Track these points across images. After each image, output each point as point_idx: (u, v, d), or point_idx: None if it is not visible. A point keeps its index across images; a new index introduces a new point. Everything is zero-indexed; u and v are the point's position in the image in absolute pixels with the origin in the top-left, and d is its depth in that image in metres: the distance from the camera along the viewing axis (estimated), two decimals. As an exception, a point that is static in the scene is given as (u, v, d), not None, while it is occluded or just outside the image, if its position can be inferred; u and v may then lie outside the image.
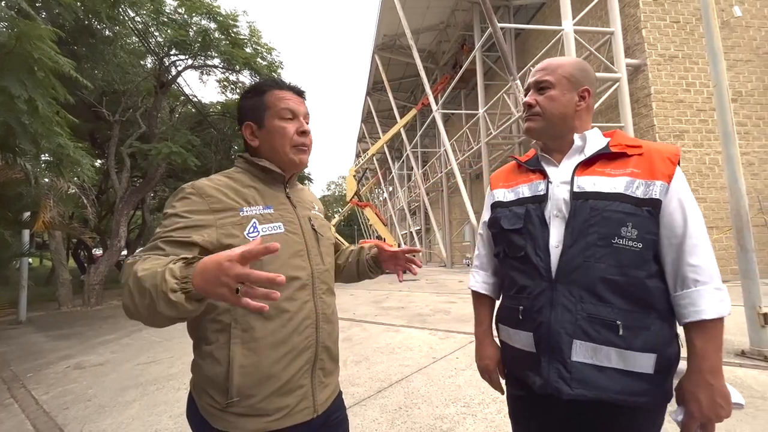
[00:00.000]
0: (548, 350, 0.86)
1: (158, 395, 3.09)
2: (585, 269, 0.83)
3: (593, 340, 0.82)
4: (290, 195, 1.01)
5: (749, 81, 8.93)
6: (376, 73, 21.76)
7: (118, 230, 10.01)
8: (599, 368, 0.81)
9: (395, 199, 32.72)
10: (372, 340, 4.49)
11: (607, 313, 0.81)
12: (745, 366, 3.03)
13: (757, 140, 8.77)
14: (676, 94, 8.54)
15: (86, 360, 4.39)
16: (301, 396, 0.88)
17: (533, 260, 0.90)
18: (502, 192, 1.05)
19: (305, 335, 0.90)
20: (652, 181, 0.82)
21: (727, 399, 0.76)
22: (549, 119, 0.96)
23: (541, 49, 10.41)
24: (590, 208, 0.84)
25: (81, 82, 4.93)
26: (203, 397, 0.84)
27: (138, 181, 15.78)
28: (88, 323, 7.08)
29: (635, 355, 0.80)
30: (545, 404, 0.90)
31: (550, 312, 0.86)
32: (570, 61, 0.97)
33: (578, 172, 0.90)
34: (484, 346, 1.10)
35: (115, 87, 10.31)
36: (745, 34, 9.10)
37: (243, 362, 0.82)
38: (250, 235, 0.86)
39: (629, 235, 0.81)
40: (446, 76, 18.34)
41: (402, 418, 2.45)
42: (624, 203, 0.82)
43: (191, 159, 9.38)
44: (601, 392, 0.81)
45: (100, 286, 9.68)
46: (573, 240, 0.85)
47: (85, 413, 2.84)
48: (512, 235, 0.96)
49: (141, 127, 10.87)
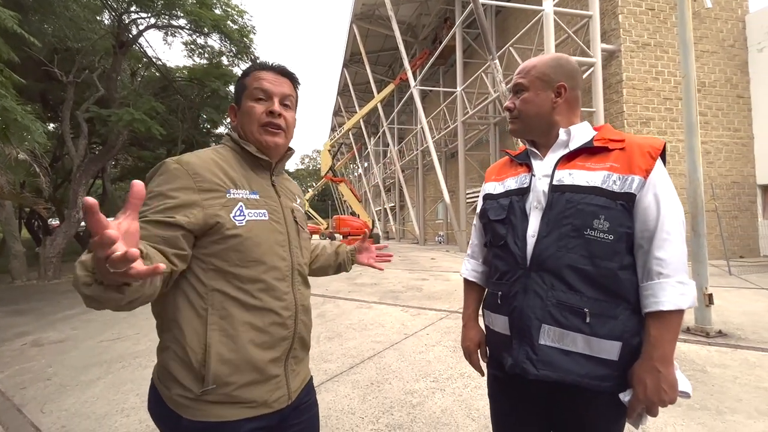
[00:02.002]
0: (519, 333, 0.91)
1: (124, 373, 3.02)
2: (557, 258, 0.87)
3: (561, 325, 0.86)
4: (275, 183, 0.99)
5: (713, 72, 9.29)
6: (353, 44, 21.07)
7: (75, 200, 9.43)
8: (565, 352, 0.86)
9: (370, 175, 32.53)
10: (345, 317, 4.54)
11: (576, 300, 0.85)
12: (689, 342, 3.31)
13: (715, 130, 9.24)
14: (646, 82, 8.79)
15: (45, 337, 4.20)
16: (276, 385, 0.89)
17: (511, 248, 0.95)
18: (492, 185, 1.10)
19: (285, 326, 0.90)
20: (630, 176, 0.85)
21: (672, 386, 0.81)
22: (525, 120, 1.01)
23: (520, 29, 10.35)
24: (566, 200, 0.88)
25: (27, 40, 4.46)
26: (173, 388, 0.81)
27: (97, 148, 14.82)
28: (46, 298, 6.74)
29: (600, 341, 0.84)
30: (516, 383, 0.96)
31: (523, 297, 0.90)
32: (544, 59, 1.00)
33: (559, 165, 0.93)
34: (468, 329, 1.16)
35: (68, 44, 9.44)
36: (713, 25, 9.39)
37: (220, 349, 0.81)
38: (236, 218, 0.84)
39: (601, 227, 0.84)
40: (425, 51, 18.01)
41: (373, 393, 2.52)
42: (599, 196, 0.85)
43: (156, 127, 8.84)
44: (565, 374, 0.86)
45: (58, 259, 9.19)
46: (548, 230, 0.89)
47: (44, 393, 2.73)
48: (496, 225, 1.01)
49: (99, 89, 10.08)
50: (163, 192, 0.79)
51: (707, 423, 2.04)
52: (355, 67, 23.72)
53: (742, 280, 6.09)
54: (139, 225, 0.70)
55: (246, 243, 0.84)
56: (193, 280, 0.82)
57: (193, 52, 11.67)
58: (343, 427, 2.12)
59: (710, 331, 3.42)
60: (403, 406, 2.33)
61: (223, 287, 0.83)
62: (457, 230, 13.77)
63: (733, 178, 9.30)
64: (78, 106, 9.96)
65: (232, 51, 11.12)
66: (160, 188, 0.79)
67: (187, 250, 0.79)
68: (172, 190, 0.79)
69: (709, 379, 2.58)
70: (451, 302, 5.09)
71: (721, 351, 3.08)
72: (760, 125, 9.38)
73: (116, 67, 9.77)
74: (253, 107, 0.92)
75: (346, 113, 30.16)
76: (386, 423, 2.15)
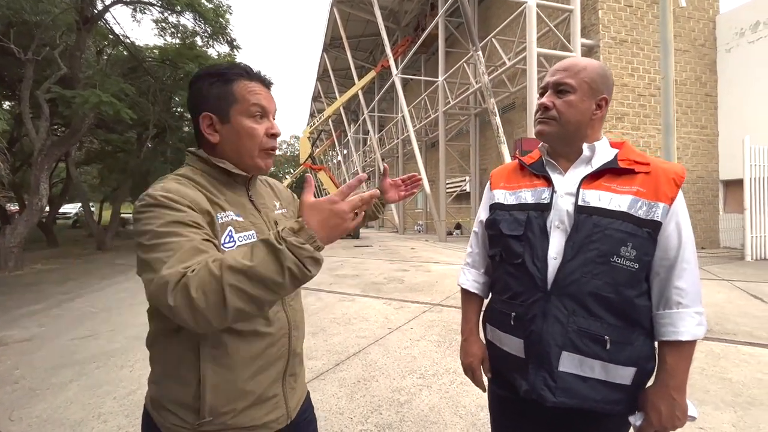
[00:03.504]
0: (537, 358, 0.89)
1: (99, 374, 2.90)
2: (580, 284, 0.85)
3: (581, 352, 0.85)
4: (253, 198, 0.92)
5: (684, 71, 9.64)
6: (334, 28, 20.55)
7: (38, 187, 8.86)
8: (583, 378, 0.86)
9: (350, 162, 32.22)
10: (328, 310, 4.51)
11: (597, 327, 0.84)
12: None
13: (684, 127, 9.65)
14: (622, 78, 9.03)
15: (8, 335, 3.97)
16: (274, 405, 0.86)
17: (530, 269, 0.91)
18: (502, 193, 1.03)
19: (278, 346, 0.87)
20: (656, 203, 0.84)
21: (684, 413, 0.84)
22: (564, 125, 0.93)
23: (503, 20, 10.36)
24: (593, 224, 0.85)
25: None
26: (168, 417, 0.78)
27: (59, 130, 13.94)
28: (7, 291, 6.36)
29: (618, 368, 0.84)
30: (526, 406, 0.94)
31: (542, 322, 0.87)
32: (594, 64, 0.94)
33: (584, 184, 0.89)
34: (470, 344, 1.11)
35: (25, 17, 8.72)
36: (686, 24, 9.70)
37: (215, 381, 0.77)
38: (226, 245, 0.78)
39: (628, 255, 0.83)
40: (407, 38, 17.76)
41: (361, 391, 2.53)
42: (626, 222, 0.83)
43: (125, 110, 8.37)
44: (582, 401, 0.85)
45: (19, 249, 8.67)
46: (573, 254, 0.86)
47: (11, 397, 2.58)
48: (511, 241, 0.96)
49: (61, 68, 9.42)
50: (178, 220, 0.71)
51: (679, 415, 2.16)
52: (336, 52, 23.20)
53: (705, 271, 6.45)
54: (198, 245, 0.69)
55: None
56: None
57: (165, 31, 11.05)
58: (332, 429, 2.11)
59: (678, 323, 3.61)
60: (391, 405, 2.35)
61: None
62: (436, 220, 13.90)
63: (699, 173, 9.78)
64: (38, 85, 9.27)
65: (206, 31, 10.60)
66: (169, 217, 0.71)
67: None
68: (174, 210, 0.72)
69: (678, 371, 2.73)
70: (432, 294, 5.15)
71: (689, 343, 3.26)
72: (724, 123, 9.86)
73: (80, 45, 9.13)
74: (254, 128, 0.83)
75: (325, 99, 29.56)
76: (375, 423, 2.16)
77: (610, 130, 8.80)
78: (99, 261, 10.10)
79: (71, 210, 26.80)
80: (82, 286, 6.58)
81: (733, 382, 2.53)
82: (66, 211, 25.64)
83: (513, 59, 9.86)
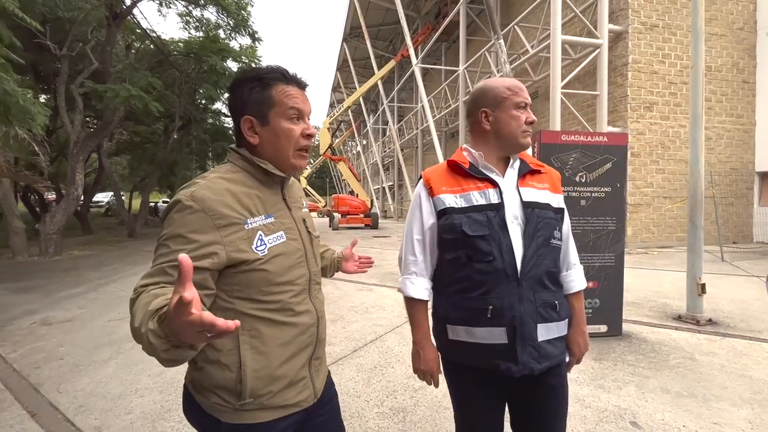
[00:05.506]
0: (521, 338, 1.01)
1: (134, 354, 3.11)
2: (538, 266, 1.03)
3: (546, 320, 1.04)
4: (286, 196, 0.98)
5: (720, 56, 9.15)
6: (354, 17, 20.44)
7: (74, 178, 9.36)
8: (550, 341, 1.05)
9: (369, 153, 32.25)
10: (346, 299, 4.65)
11: (551, 297, 1.06)
12: (680, 329, 3.43)
13: (717, 116, 9.19)
14: (652, 65, 8.65)
15: (52, 316, 4.29)
16: (303, 386, 0.95)
17: (501, 263, 1.01)
18: (451, 198, 1.07)
19: (308, 334, 0.95)
20: (558, 194, 1.14)
21: (588, 341, 1.17)
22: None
23: (526, 6, 10.07)
24: (537, 215, 1.05)
25: (28, 22, 4.31)
26: (211, 398, 0.86)
27: (92, 122, 14.55)
28: (49, 275, 6.81)
29: (563, 323, 1.09)
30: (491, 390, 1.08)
31: (519, 306, 1.01)
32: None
33: (519, 183, 1.09)
34: (426, 350, 1.14)
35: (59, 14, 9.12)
36: (723, 6, 9.17)
37: (255, 366, 0.85)
38: (258, 249, 0.84)
39: (558, 236, 1.09)
40: (428, 26, 17.53)
41: (377, 377, 2.63)
42: (551, 211, 1.08)
43: (153, 104, 8.69)
44: (554, 359, 1.06)
45: (58, 236, 9.21)
46: (529, 243, 1.03)
47: (59, 372, 2.83)
48: (478, 241, 1.02)
49: (93, 62, 9.83)
50: (182, 234, 0.77)
51: (694, 410, 2.16)
52: (355, 42, 23.10)
53: (734, 266, 6.23)
54: (164, 269, 0.76)
55: (269, 270, 0.86)
56: (222, 303, 0.85)
57: (189, 24, 11.31)
58: (349, 410, 2.23)
59: (701, 319, 3.55)
60: (405, 390, 2.44)
61: (250, 310, 0.86)
62: (455, 211, 13.80)
63: (732, 164, 9.34)
64: (72, 79, 9.71)
65: (229, 24, 10.79)
66: (179, 230, 0.78)
67: (214, 289, 0.82)
68: (192, 232, 0.77)
69: (697, 366, 2.71)
70: (450, 286, 5.20)
71: (710, 339, 3.21)
72: (763, 111, 9.33)
73: (110, 40, 9.48)
74: (291, 129, 0.89)
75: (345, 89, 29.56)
76: (390, 406, 2.26)
77: (637, 119, 8.48)
78: (130, 247, 10.61)
79: (103, 199, 28.06)
80: (116, 272, 6.96)
81: (754, 380, 2.50)
82: (98, 199, 26.85)
83: (536, 47, 9.61)
